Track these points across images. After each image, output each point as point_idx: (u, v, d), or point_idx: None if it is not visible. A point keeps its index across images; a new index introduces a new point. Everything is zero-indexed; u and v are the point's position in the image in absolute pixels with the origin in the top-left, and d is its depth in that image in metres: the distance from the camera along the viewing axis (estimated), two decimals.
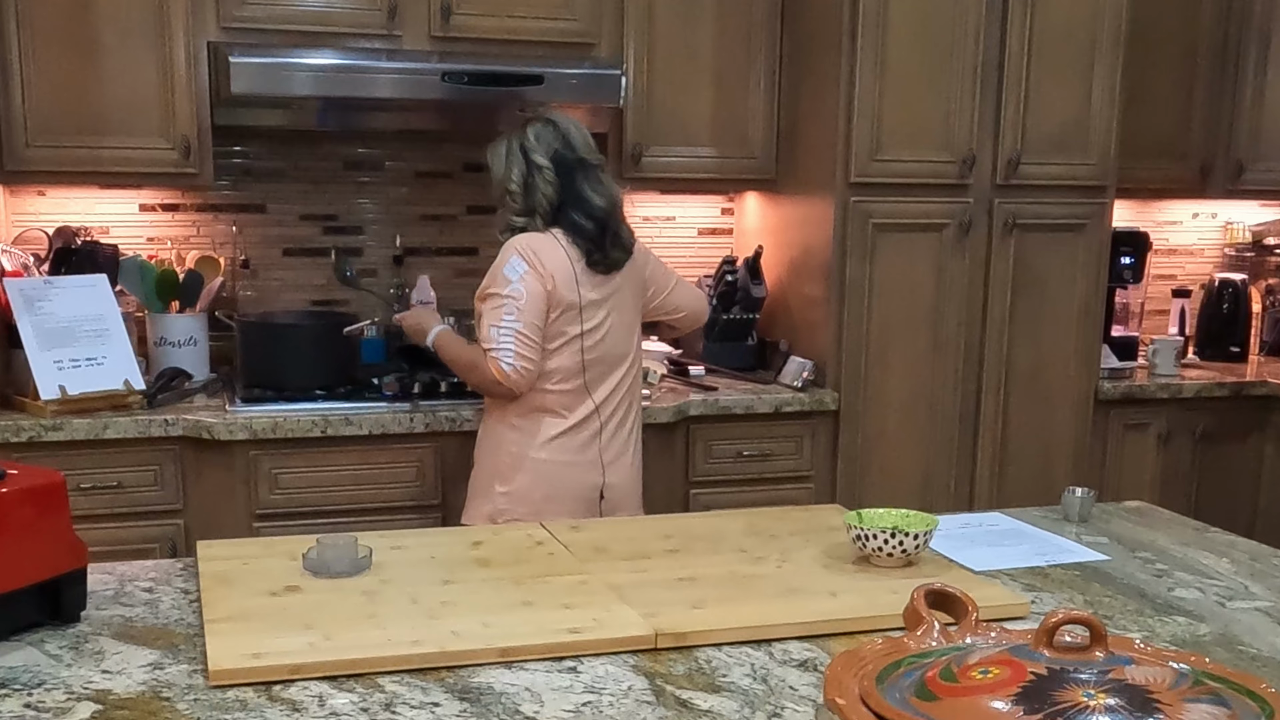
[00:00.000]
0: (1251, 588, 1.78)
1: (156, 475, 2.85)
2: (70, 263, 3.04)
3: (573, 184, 2.55)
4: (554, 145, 2.56)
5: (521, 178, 2.56)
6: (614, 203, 2.59)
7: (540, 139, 2.57)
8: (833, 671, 1.09)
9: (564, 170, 2.55)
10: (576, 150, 2.57)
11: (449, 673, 1.39)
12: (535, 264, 2.49)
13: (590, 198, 2.55)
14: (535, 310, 2.49)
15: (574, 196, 2.55)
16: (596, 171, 2.59)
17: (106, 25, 3.00)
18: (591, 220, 2.55)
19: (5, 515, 1.42)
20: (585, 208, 2.55)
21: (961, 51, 3.31)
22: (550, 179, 2.54)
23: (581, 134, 2.61)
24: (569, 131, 2.59)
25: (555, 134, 2.58)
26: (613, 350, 2.61)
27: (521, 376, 2.50)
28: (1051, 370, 3.56)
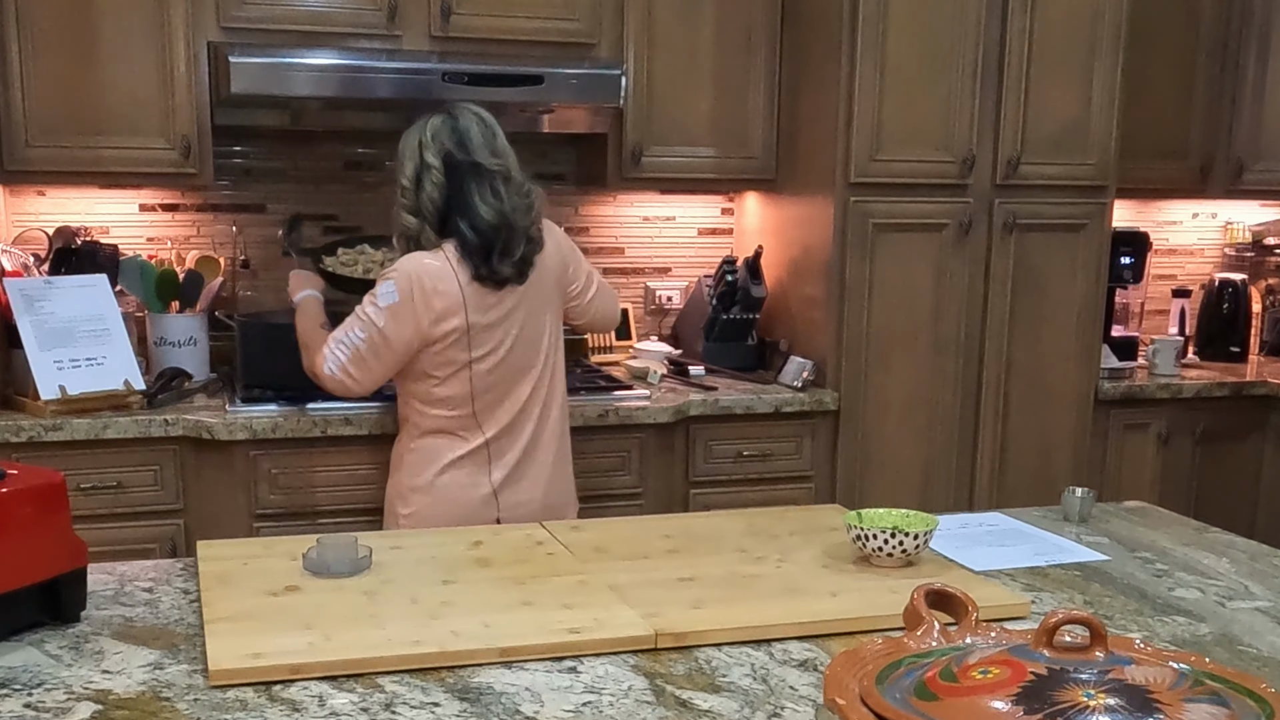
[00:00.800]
0: (1251, 588, 1.78)
1: (156, 475, 2.85)
2: (70, 263, 3.04)
3: (461, 190, 2.38)
4: (447, 144, 2.39)
5: (414, 173, 2.40)
6: (505, 215, 2.38)
7: (436, 136, 2.40)
8: (833, 671, 1.09)
9: (453, 173, 2.38)
10: (472, 153, 2.39)
11: (449, 673, 1.39)
12: (413, 298, 2.35)
13: (477, 207, 2.37)
14: (391, 347, 2.38)
15: (461, 204, 2.37)
16: (494, 178, 2.40)
17: (106, 25, 3.00)
18: (475, 232, 2.36)
19: (5, 515, 1.42)
20: (470, 217, 2.36)
21: (961, 51, 3.31)
22: (437, 181, 2.38)
23: (485, 135, 2.42)
24: (468, 131, 2.41)
25: (451, 132, 2.40)
26: (515, 367, 2.48)
27: (338, 386, 2.44)
28: (1051, 370, 3.56)
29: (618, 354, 3.68)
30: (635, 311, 3.83)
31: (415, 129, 2.45)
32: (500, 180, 2.42)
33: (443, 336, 2.40)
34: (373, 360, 2.41)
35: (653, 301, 3.86)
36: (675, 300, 3.86)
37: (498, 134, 2.46)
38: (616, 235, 3.81)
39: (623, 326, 3.77)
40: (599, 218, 3.78)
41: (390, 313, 2.36)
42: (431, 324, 2.38)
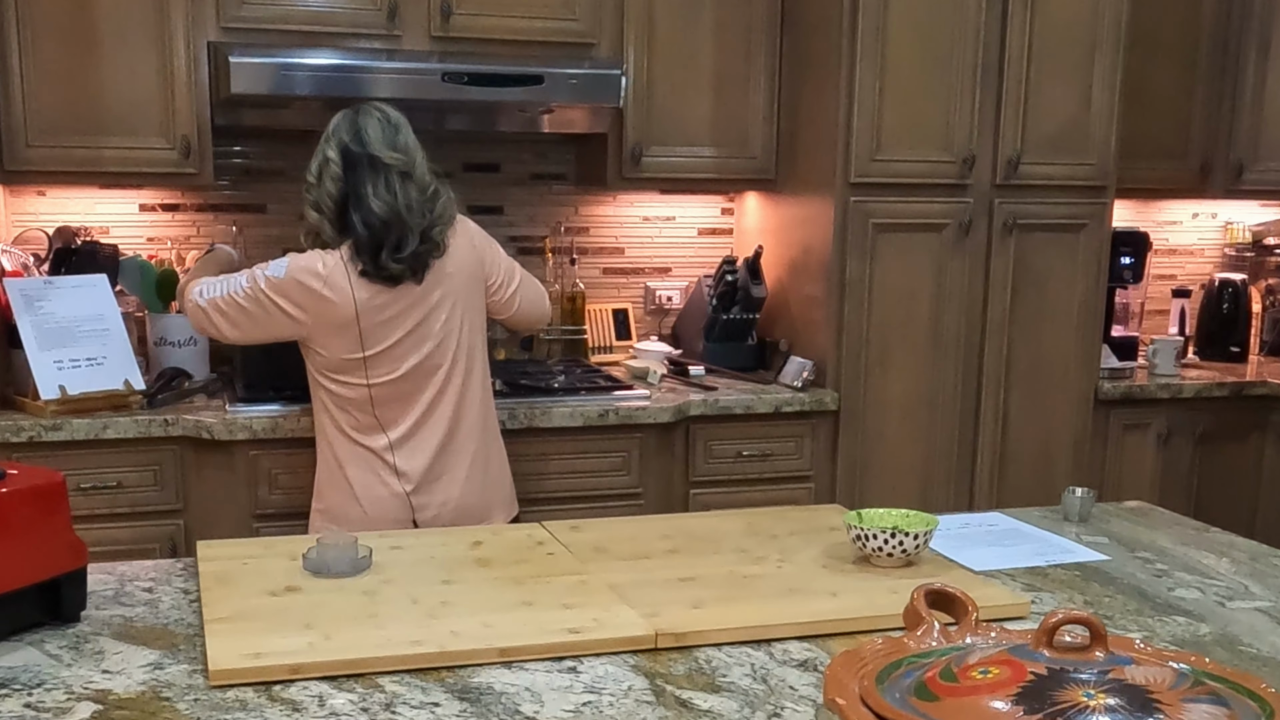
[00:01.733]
0: (1251, 588, 1.78)
1: (156, 475, 2.85)
2: (70, 263, 3.04)
3: (356, 184, 2.36)
4: (345, 138, 2.37)
5: (317, 169, 2.39)
6: (398, 210, 2.35)
7: (337, 130, 2.40)
8: (833, 671, 1.09)
9: (350, 167, 2.36)
10: (368, 147, 2.36)
11: (449, 673, 1.39)
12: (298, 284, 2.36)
13: (369, 202, 2.34)
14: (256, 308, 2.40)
15: (355, 197, 2.36)
16: (389, 173, 2.36)
17: (107, 25, 3.00)
18: (367, 227, 2.34)
19: (5, 515, 1.42)
20: (363, 212, 2.35)
21: (961, 51, 3.31)
22: (335, 174, 2.36)
23: (386, 130, 2.39)
24: (365, 125, 2.38)
25: (350, 125, 2.39)
26: (418, 368, 2.44)
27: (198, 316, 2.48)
28: (1051, 370, 3.56)
29: (618, 354, 3.68)
30: (635, 311, 3.83)
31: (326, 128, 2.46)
32: (397, 175, 2.38)
33: (331, 336, 2.38)
34: (240, 317, 2.42)
35: (653, 301, 3.86)
36: (675, 300, 3.86)
37: (401, 131, 2.42)
38: (616, 235, 3.81)
39: (623, 326, 3.78)
40: (599, 218, 3.78)
41: (271, 285, 2.38)
42: (318, 319, 2.37)
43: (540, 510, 2.86)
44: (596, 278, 3.78)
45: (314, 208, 2.40)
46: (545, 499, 3.05)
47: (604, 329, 3.75)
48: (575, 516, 2.11)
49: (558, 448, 3.09)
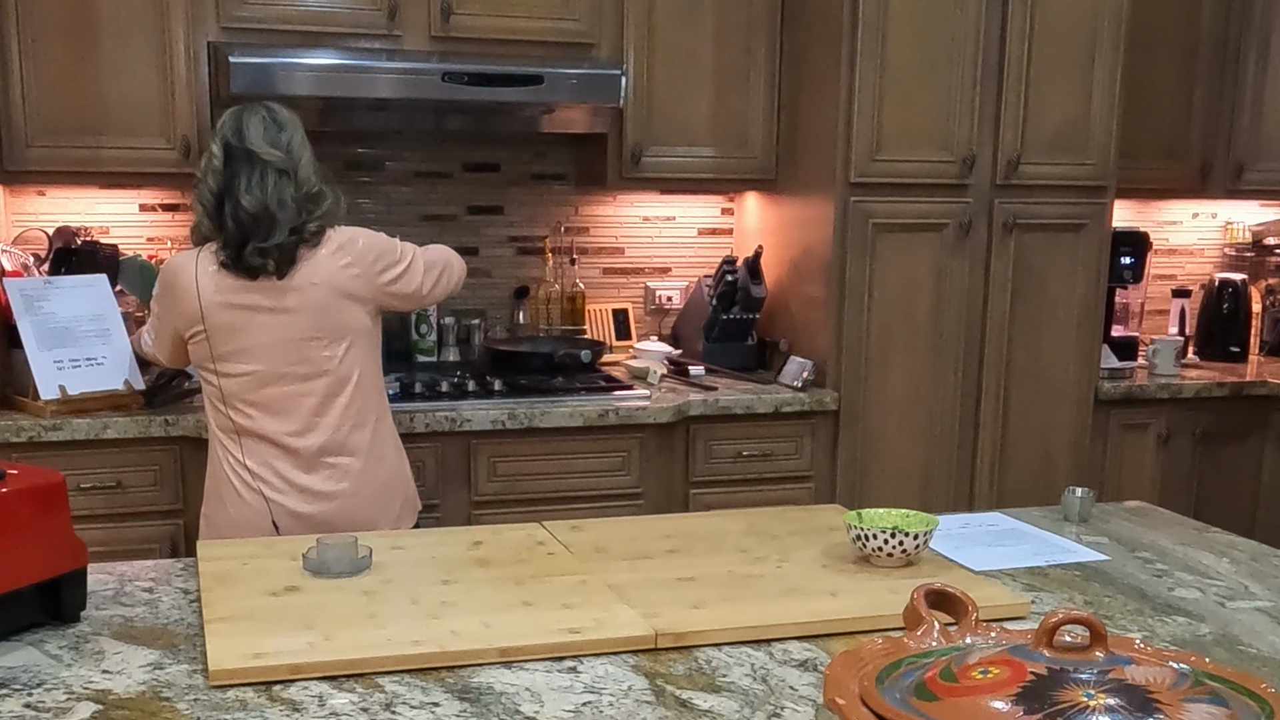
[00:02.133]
0: (1251, 588, 1.78)
1: (156, 475, 2.85)
2: (70, 263, 3.04)
3: (232, 178, 2.32)
4: (227, 133, 2.34)
5: (204, 164, 2.37)
6: (267, 205, 2.29)
7: (222, 126, 2.37)
8: (833, 671, 1.08)
9: (228, 160, 2.32)
10: (246, 141, 2.32)
11: (449, 673, 1.39)
12: (163, 294, 2.40)
13: (239, 196, 2.29)
14: (160, 331, 2.46)
15: (230, 191, 2.31)
16: (266, 168, 2.31)
17: (106, 25, 3.00)
18: (235, 221, 2.29)
19: (5, 515, 1.42)
20: (232, 205, 2.30)
21: (961, 51, 3.31)
22: (215, 168, 2.33)
23: (268, 127, 2.35)
24: (247, 121, 2.35)
25: (233, 120, 2.36)
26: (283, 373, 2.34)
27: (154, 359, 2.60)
28: (1051, 370, 3.56)
29: (618, 354, 3.68)
30: (635, 311, 3.83)
31: None
32: (274, 172, 2.32)
33: (186, 331, 2.36)
34: (159, 341, 2.49)
35: (653, 301, 3.86)
36: (675, 300, 3.86)
37: (285, 129, 2.36)
38: (616, 235, 3.81)
39: (623, 326, 3.78)
40: (599, 218, 3.78)
41: (157, 304, 2.45)
42: (178, 320, 2.37)
43: (540, 510, 2.86)
44: (596, 278, 3.78)
45: (199, 201, 2.37)
46: (545, 499, 3.05)
47: (604, 329, 3.75)
48: (575, 516, 2.11)
49: (558, 448, 3.09)
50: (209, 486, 2.44)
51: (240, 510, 2.37)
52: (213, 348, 2.34)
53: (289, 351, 2.34)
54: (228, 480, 2.38)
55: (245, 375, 2.34)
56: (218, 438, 2.40)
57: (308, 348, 2.35)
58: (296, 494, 2.37)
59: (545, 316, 3.66)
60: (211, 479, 2.43)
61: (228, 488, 2.38)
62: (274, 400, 2.35)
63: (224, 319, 2.32)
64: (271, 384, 2.35)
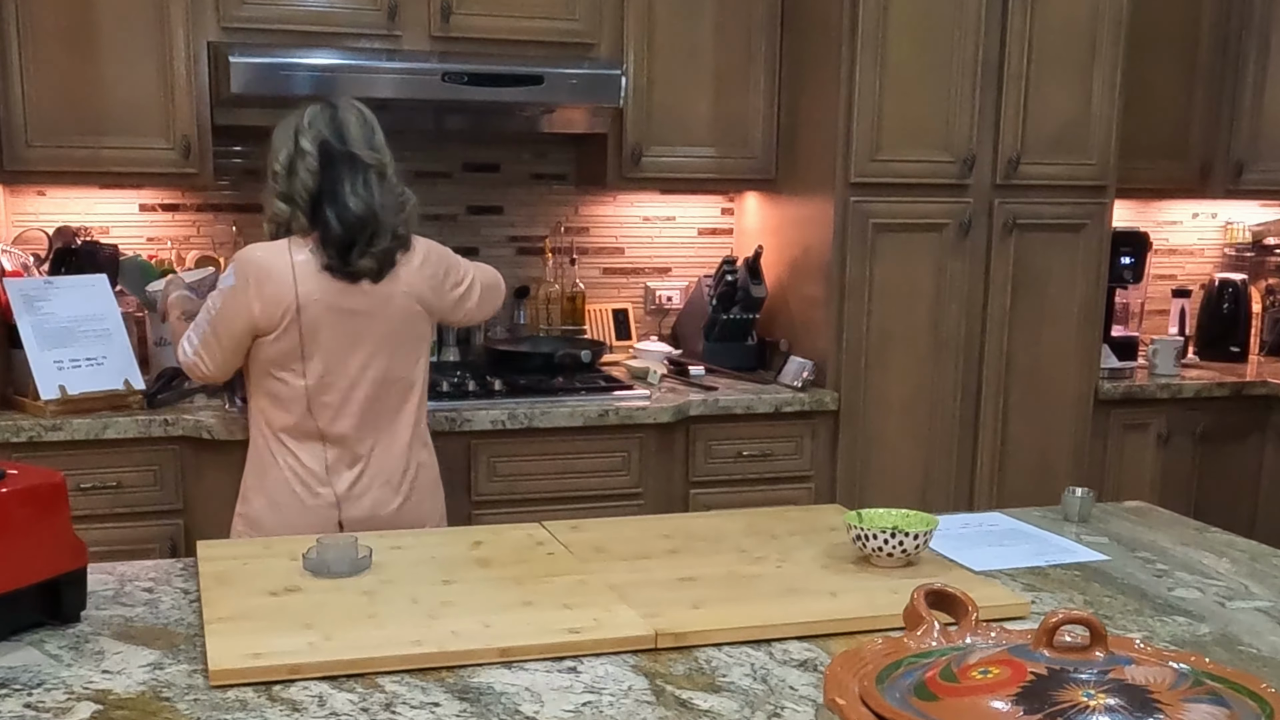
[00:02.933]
0: (1251, 588, 1.78)
1: (156, 475, 2.85)
2: (70, 263, 3.04)
3: (333, 179, 2.32)
4: (324, 133, 2.34)
5: (288, 160, 2.34)
6: (374, 209, 2.33)
7: (313, 123, 2.35)
8: (833, 671, 1.09)
9: (327, 161, 2.33)
10: (348, 144, 2.34)
11: (449, 673, 1.39)
12: (248, 284, 2.31)
13: (345, 198, 2.31)
14: (227, 329, 2.34)
15: (331, 193, 2.32)
16: (368, 172, 2.35)
17: (106, 25, 3.00)
18: (341, 224, 2.31)
19: (5, 515, 1.42)
20: (337, 208, 2.31)
21: (961, 51, 3.31)
22: (311, 167, 2.32)
23: (364, 129, 2.38)
24: (346, 122, 2.36)
25: (330, 121, 2.36)
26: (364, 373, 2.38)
27: (193, 368, 2.43)
28: (1051, 370, 3.56)
29: (618, 354, 3.68)
30: (635, 311, 3.83)
31: (291, 117, 2.40)
32: (375, 175, 2.36)
33: (273, 327, 2.33)
34: (215, 343, 2.38)
35: (653, 301, 3.86)
36: (675, 300, 3.86)
37: (376, 131, 2.41)
38: (616, 235, 3.81)
39: (623, 326, 3.78)
40: (599, 218, 3.78)
41: (226, 296, 2.35)
42: (263, 313, 2.32)
43: (540, 510, 2.86)
44: (596, 278, 3.78)
45: (284, 199, 2.35)
46: (545, 499, 3.06)
47: (604, 329, 3.75)
48: (575, 516, 2.11)
49: (558, 448, 3.09)
50: (253, 487, 2.43)
51: (301, 514, 2.37)
52: (303, 345, 2.34)
53: (373, 356, 2.39)
54: (286, 484, 2.38)
55: (326, 377, 2.36)
56: (277, 439, 2.40)
57: (390, 353, 2.40)
58: (363, 497, 2.41)
59: (545, 316, 3.66)
60: (260, 480, 2.42)
61: (284, 490, 2.38)
62: (350, 403, 2.39)
63: (318, 317, 2.34)
64: (351, 387, 2.38)
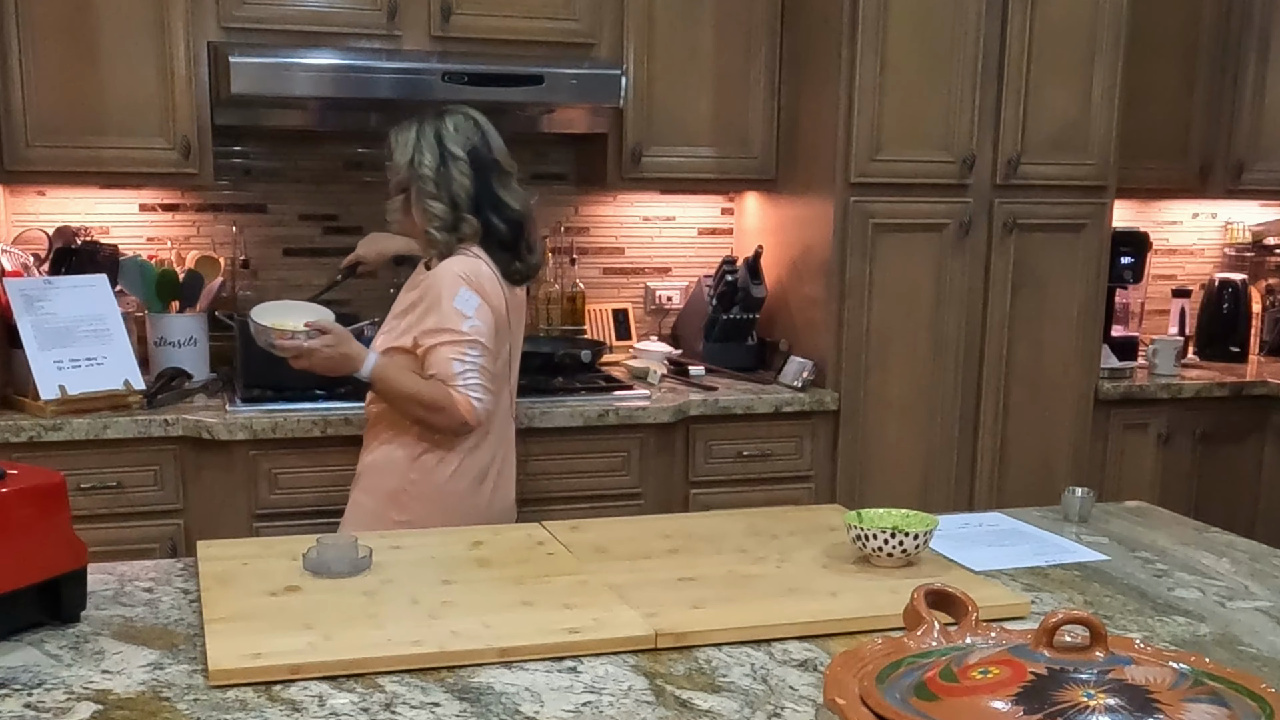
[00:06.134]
0: (1251, 588, 1.78)
1: (156, 475, 2.85)
2: (70, 263, 3.04)
3: (489, 183, 2.41)
4: (473, 140, 2.42)
5: (435, 164, 2.39)
6: (528, 210, 2.48)
7: (460, 130, 2.42)
8: (833, 671, 1.08)
9: (480, 167, 2.41)
10: (494, 152, 2.45)
11: (449, 673, 1.39)
12: (483, 294, 2.35)
13: (508, 200, 2.43)
14: (494, 349, 2.37)
15: (491, 196, 2.41)
16: (511, 179, 2.47)
17: (106, 25, 3.00)
18: (507, 224, 2.42)
19: (5, 515, 1.42)
20: (502, 210, 2.41)
21: (961, 51, 3.31)
22: (466, 171, 2.39)
23: (499, 140, 2.48)
24: (489, 132, 2.46)
25: (476, 130, 2.44)
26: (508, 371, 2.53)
27: (487, 416, 2.39)
28: (1051, 370, 3.56)
29: (618, 354, 3.68)
30: (635, 311, 3.83)
31: (423, 125, 2.42)
32: (515, 181, 2.49)
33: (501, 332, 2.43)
34: (490, 368, 2.36)
35: (653, 301, 3.86)
36: (675, 300, 3.86)
37: (503, 143, 2.51)
38: (616, 235, 3.81)
39: (623, 326, 3.78)
40: (599, 218, 3.78)
41: (482, 315, 2.34)
42: (500, 318, 2.40)
43: (540, 510, 2.86)
44: (596, 278, 3.78)
45: (445, 203, 2.38)
46: (545, 499, 3.06)
47: (604, 329, 3.75)
48: (575, 516, 2.12)
49: (558, 448, 3.09)
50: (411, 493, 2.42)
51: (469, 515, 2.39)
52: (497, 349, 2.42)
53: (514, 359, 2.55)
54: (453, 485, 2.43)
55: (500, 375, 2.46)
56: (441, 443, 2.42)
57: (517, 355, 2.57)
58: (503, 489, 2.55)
59: (545, 316, 3.66)
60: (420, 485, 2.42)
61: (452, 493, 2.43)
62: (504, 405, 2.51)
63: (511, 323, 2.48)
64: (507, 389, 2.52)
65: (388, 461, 2.47)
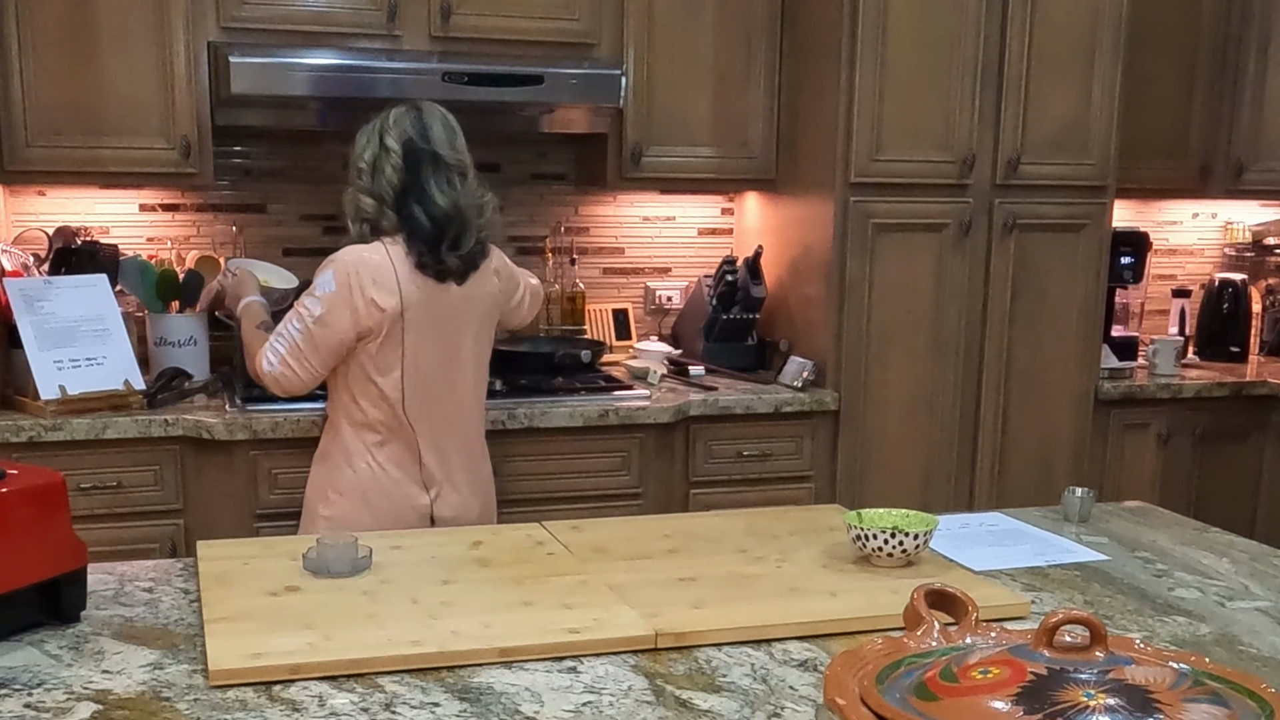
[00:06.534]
0: (1251, 588, 1.78)
1: (156, 475, 2.85)
2: (70, 263, 3.04)
3: (418, 176, 2.38)
4: (409, 132, 2.39)
5: (372, 158, 2.40)
6: (459, 206, 2.39)
7: (398, 123, 2.41)
8: (833, 671, 1.09)
9: (412, 159, 2.38)
10: (432, 144, 2.40)
11: (449, 673, 1.39)
12: (349, 289, 2.34)
13: (433, 194, 2.37)
14: (328, 336, 2.35)
15: (417, 189, 2.38)
16: (450, 172, 2.40)
17: (106, 25, 3.00)
18: (429, 219, 2.37)
19: (5, 515, 1.42)
20: (425, 204, 2.37)
21: (961, 51, 3.31)
22: (396, 164, 2.38)
23: (447, 131, 2.43)
24: (429, 123, 2.41)
25: (415, 121, 2.41)
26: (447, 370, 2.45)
27: (277, 383, 2.41)
28: (1051, 370, 3.56)
29: (618, 354, 3.68)
30: (635, 311, 3.83)
31: (376, 118, 2.45)
32: (457, 175, 2.42)
33: (378, 328, 2.37)
34: (310, 353, 2.38)
35: (653, 301, 3.86)
36: (675, 300, 3.86)
37: (458, 134, 2.45)
38: (616, 235, 3.81)
39: (623, 326, 3.78)
40: (599, 218, 3.78)
41: (327, 303, 2.35)
42: (367, 314, 2.35)
43: (540, 510, 2.86)
44: (596, 278, 3.78)
45: (372, 196, 2.40)
46: (545, 499, 3.05)
47: (604, 329, 3.75)
48: (575, 516, 2.11)
49: (558, 448, 3.09)
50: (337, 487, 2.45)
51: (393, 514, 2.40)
52: (403, 346, 2.39)
53: (454, 359, 2.46)
54: (376, 483, 2.43)
55: (419, 378, 2.42)
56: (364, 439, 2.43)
57: (467, 357, 2.48)
58: (449, 498, 2.48)
59: (545, 316, 3.66)
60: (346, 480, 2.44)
61: (375, 490, 2.42)
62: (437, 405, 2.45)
63: (419, 318, 2.40)
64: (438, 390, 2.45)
65: (320, 456, 2.53)
